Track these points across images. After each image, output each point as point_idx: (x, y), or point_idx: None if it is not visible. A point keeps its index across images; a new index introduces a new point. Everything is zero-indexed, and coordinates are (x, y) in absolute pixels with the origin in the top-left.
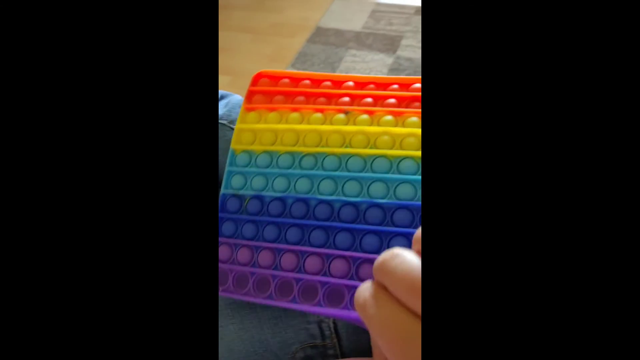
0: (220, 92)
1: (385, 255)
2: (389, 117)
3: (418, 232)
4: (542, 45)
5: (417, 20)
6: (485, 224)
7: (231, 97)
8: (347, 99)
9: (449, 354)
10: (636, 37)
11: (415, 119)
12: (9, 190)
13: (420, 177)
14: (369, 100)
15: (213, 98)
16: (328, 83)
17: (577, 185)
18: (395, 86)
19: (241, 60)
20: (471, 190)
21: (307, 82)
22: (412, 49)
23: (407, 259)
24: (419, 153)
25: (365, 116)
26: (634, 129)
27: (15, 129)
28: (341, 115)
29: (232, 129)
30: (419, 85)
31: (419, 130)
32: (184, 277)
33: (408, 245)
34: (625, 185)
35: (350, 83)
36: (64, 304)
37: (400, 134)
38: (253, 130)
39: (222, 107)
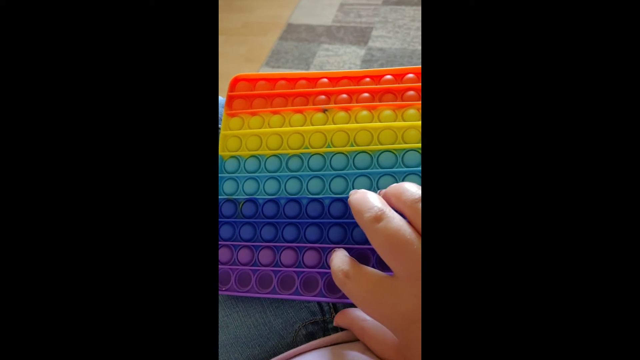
0: None
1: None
2: (365, 113)
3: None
4: (540, 51)
5: (385, 11)
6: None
7: None
8: (323, 97)
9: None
10: (636, 37)
11: (389, 112)
12: (9, 190)
13: (398, 169)
14: (345, 96)
15: (213, 109)
16: (303, 82)
17: (575, 182)
18: (368, 79)
19: None
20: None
21: (283, 82)
22: (382, 39)
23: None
24: (399, 146)
25: (342, 113)
26: (633, 130)
27: (16, 133)
28: (320, 114)
29: (217, 128)
30: (389, 77)
31: (394, 124)
32: (184, 273)
33: None
34: (624, 186)
35: (325, 80)
36: (65, 300)
37: (377, 128)
38: (238, 136)
39: None
